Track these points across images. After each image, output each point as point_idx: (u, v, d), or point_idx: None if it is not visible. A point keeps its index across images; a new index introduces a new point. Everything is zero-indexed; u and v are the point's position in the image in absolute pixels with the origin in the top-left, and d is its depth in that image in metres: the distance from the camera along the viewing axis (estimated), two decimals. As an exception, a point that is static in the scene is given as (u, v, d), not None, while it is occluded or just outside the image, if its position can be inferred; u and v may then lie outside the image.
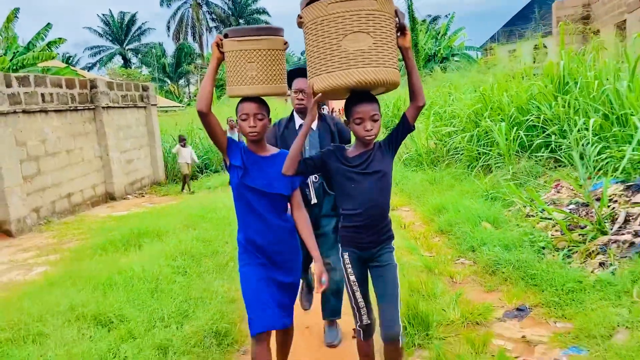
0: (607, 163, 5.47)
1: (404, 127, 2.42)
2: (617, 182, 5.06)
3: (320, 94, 2.18)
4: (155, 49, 53.62)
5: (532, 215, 5.47)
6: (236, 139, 10.28)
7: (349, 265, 2.43)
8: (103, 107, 10.98)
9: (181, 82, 55.37)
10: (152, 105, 13.83)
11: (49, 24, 18.19)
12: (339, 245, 2.50)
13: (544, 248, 4.64)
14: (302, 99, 3.15)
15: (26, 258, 6.22)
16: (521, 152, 7.26)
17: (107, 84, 11.43)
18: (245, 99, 2.37)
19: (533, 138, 7.18)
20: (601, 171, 5.50)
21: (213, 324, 3.51)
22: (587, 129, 5.83)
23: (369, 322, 2.49)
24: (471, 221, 5.64)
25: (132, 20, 56.30)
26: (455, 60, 32.36)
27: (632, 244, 4.12)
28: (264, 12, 60.01)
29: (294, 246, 2.55)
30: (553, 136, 6.70)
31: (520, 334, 3.48)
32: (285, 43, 2.43)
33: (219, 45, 2.34)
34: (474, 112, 8.79)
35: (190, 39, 58.71)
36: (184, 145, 11.85)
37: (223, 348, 3.39)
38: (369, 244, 2.40)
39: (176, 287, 4.14)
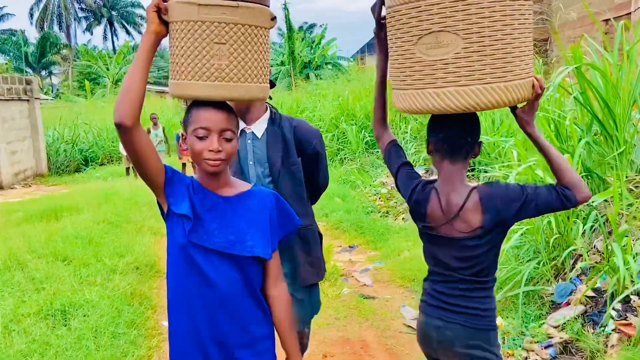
0: (419, 156, 7.85)
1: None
2: (422, 169, 7.41)
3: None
4: (17, 37, 49.92)
5: (367, 192, 7.69)
6: (162, 143, 10.56)
7: None
8: (-9, 99, 11.39)
9: (43, 73, 52.02)
10: (35, 98, 14.17)
11: None
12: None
13: (372, 211, 6.80)
14: None
15: (-56, 232, 6.98)
16: (367, 148, 9.55)
17: (-6, 77, 11.81)
18: (203, 104, 1.47)
19: (375, 138, 9.51)
20: (415, 162, 7.86)
21: (143, 259, 5.04)
22: (406, 132, 8.21)
23: None
24: (325, 197, 7.66)
25: (-12, 3, 51.59)
26: (329, 69, 35.33)
27: (422, 205, 6.40)
28: (139, 5, 58.58)
29: (268, 350, 1.59)
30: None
31: (348, 258, 5.50)
32: (274, 18, 1.59)
33: (160, 11, 1.44)
34: (335, 117, 10.98)
35: (56, 28, 55.38)
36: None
37: (152, 274, 4.93)
38: None
39: (107, 240, 5.52)
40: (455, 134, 1.61)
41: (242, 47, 1.49)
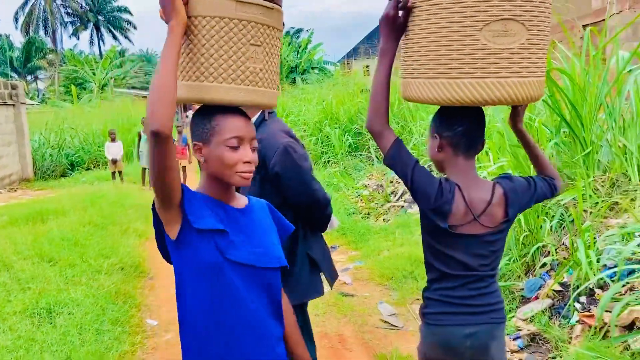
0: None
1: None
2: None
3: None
4: (1, 41, 49.54)
5: (350, 194, 7.84)
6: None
7: None
8: (-24, 104, 11.38)
9: (29, 78, 51.60)
10: (21, 103, 14.15)
11: None
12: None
13: (353, 213, 6.95)
14: None
15: None
16: (350, 152, 9.71)
17: (-21, 82, 11.80)
18: (230, 111, 1.37)
19: (358, 141, 9.67)
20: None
21: (128, 260, 5.12)
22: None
23: None
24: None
25: (-28, 7, 51.12)
26: (315, 73, 35.56)
27: (402, 207, 6.55)
28: (126, 10, 58.46)
29: None
30: (370, 140, 9.21)
31: (330, 258, 5.64)
32: (283, 24, 1.55)
33: None
34: (319, 120, 11.14)
35: (42, 32, 55.01)
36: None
37: (137, 274, 5.02)
38: None
39: (92, 242, 5.60)
40: (474, 127, 1.61)
41: (272, 51, 1.43)
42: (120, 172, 11.51)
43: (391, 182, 7.24)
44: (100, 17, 57.03)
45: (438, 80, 1.47)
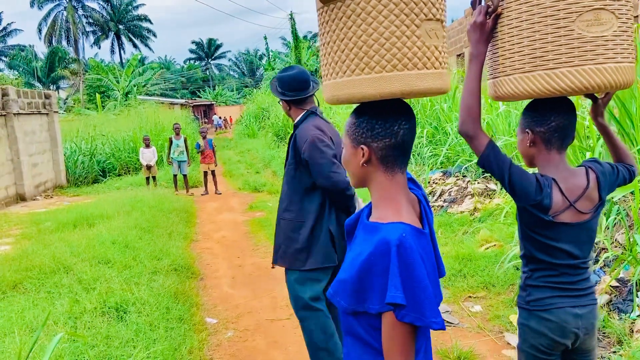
0: (435, 159, 8.05)
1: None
2: (439, 171, 7.61)
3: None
4: (26, 52, 50.74)
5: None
6: (184, 153, 10.86)
7: None
8: (14, 114, 11.72)
9: (52, 87, 52.63)
10: (54, 112, 14.51)
11: None
12: None
13: (392, 214, 7.00)
14: None
15: (-20, 242, 7.24)
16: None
17: (16, 92, 12.15)
18: None
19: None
20: (433, 164, 8.06)
21: (179, 262, 5.26)
22: (422, 137, 8.41)
23: None
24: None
25: (-4, 20, 52.52)
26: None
27: (442, 207, 6.59)
28: (146, 19, 59.36)
29: None
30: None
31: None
32: None
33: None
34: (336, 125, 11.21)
35: (64, 42, 56.15)
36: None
37: (189, 276, 5.15)
38: None
39: (142, 245, 5.75)
40: (567, 122, 1.65)
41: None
42: (154, 178, 11.71)
43: (429, 182, 7.28)
44: (121, 26, 58.01)
45: (535, 73, 1.52)
